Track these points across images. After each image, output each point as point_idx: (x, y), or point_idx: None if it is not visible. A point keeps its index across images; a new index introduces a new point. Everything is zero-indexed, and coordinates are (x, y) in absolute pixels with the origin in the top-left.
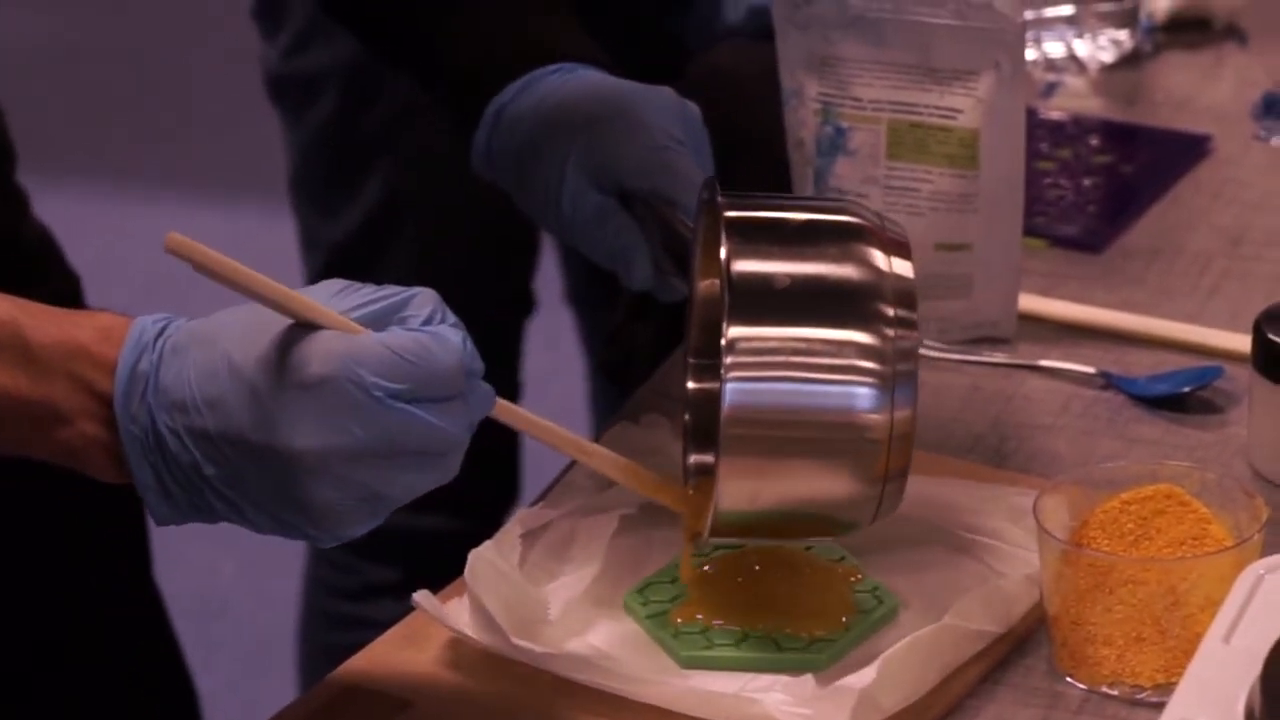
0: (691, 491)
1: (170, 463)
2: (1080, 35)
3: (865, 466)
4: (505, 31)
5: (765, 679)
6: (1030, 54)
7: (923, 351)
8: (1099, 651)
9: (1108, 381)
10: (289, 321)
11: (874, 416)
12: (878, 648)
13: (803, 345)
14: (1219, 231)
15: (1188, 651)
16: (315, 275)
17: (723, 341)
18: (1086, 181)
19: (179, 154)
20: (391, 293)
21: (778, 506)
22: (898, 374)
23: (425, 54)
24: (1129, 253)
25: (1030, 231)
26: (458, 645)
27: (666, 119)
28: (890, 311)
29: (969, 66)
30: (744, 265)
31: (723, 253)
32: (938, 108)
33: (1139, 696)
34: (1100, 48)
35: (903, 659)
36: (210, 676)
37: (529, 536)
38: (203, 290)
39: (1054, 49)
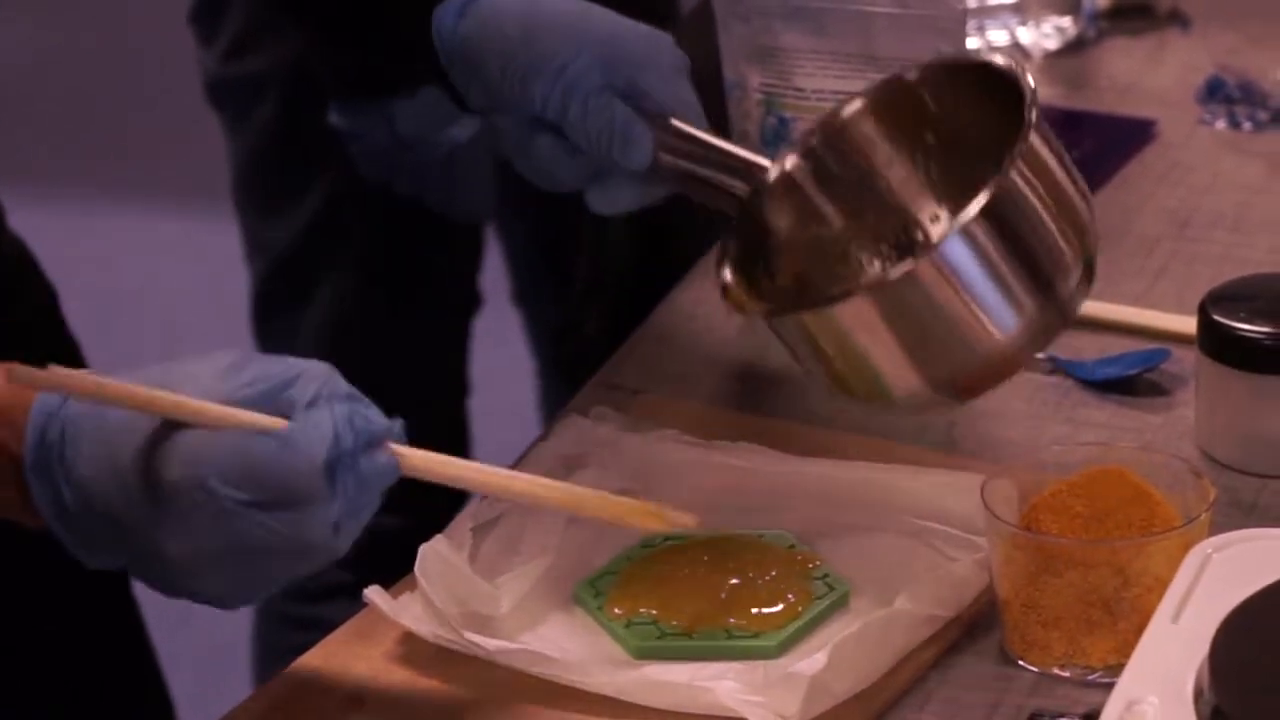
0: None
1: (83, 535)
2: (1024, 22)
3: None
4: None
5: (717, 667)
6: (974, 42)
7: None
8: (1049, 634)
9: (1056, 366)
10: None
11: (1011, 334)
12: (829, 634)
13: (1053, 207)
14: (1165, 215)
15: (1138, 632)
16: (260, 282)
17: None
18: None
19: (126, 163)
20: (280, 371)
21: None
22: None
23: None
24: None
25: None
26: (410, 640)
27: (676, 56)
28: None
29: (911, 55)
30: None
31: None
32: None
33: (1090, 678)
34: (1044, 35)
35: (854, 645)
36: (171, 683)
37: (480, 529)
38: (159, 304)
39: (998, 37)
